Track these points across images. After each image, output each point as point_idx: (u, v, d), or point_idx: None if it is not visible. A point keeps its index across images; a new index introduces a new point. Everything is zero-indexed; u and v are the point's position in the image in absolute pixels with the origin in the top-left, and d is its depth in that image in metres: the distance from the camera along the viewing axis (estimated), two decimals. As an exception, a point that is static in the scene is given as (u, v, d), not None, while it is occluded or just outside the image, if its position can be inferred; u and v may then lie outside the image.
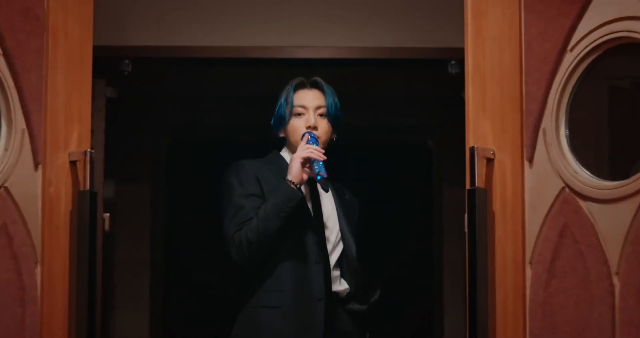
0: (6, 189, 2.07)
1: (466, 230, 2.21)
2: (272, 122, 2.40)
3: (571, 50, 2.00)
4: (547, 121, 2.05)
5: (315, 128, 2.28)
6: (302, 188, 2.26)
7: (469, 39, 2.30)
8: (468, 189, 2.20)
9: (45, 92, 2.19)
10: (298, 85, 2.35)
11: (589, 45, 1.94)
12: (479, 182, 2.18)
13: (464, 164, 2.28)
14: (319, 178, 2.20)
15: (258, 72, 4.42)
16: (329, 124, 2.33)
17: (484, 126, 2.25)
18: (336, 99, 2.36)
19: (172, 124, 5.61)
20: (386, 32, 3.81)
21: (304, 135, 2.27)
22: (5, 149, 2.08)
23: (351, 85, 4.35)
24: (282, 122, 2.35)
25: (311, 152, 2.19)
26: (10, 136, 2.10)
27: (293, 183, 2.19)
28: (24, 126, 2.14)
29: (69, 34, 2.30)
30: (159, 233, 5.53)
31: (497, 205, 2.21)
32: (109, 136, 4.32)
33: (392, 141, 5.85)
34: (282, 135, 2.38)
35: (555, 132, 2.03)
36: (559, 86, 2.03)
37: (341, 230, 2.37)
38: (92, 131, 4.07)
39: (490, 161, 2.22)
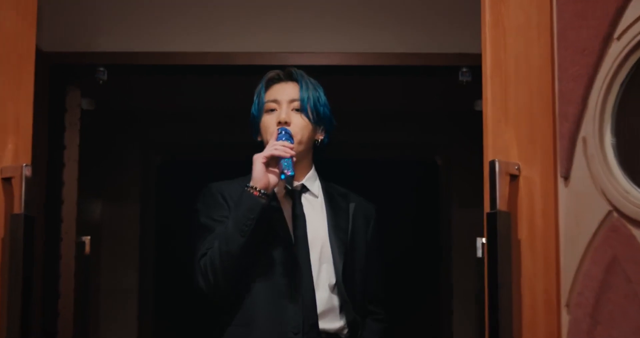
0: None
1: (485, 263, 1.78)
2: (251, 129, 2.14)
3: (618, 38, 1.58)
4: (588, 128, 1.63)
5: (287, 123, 1.99)
6: (281, 198, 2.00)
7: (487, 29, 1.89)
8: (487, 213, 1.78)
9: (-33, 94, 1.79)
10: (272, 79, 2.07)
11: (642, 31, 1.52)
12: (501, 204, 1.76)
13: (475, 182, 1.88)
14: (282, 176, 1.90)
15: (249, 82, 4.03)
16: (308, 120, 2.04)
17: (507, 136, 1.83)
18: (318, 93, 2.07)
19: (161, 140, 5.22)
20: (388, 37, 3.42)
21: (279, 133, 1.99)
22: None
23: (351, 97, 3.93)
24: (254, 122, 2.07)
25: (275, 149, 1.90)
26: None
27: (255, 188, 1.87)
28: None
29: (2, 25, 1.90)
30: (148, 257, 5.15)
31: (523, 232, 1.78)
32: (88, 152, 3.94)
33: (395, 158, 5.45)
34: (259, 139, 2.08)
35: (599, 141, 1.61)
36: (602, 83, 1.61)
37: (331, 249, 2.00)
38: (64, 147, 3.71)
39: (514, 178, 1.80)
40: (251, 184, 1.89)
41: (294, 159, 1.94)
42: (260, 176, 1.88)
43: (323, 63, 3.37)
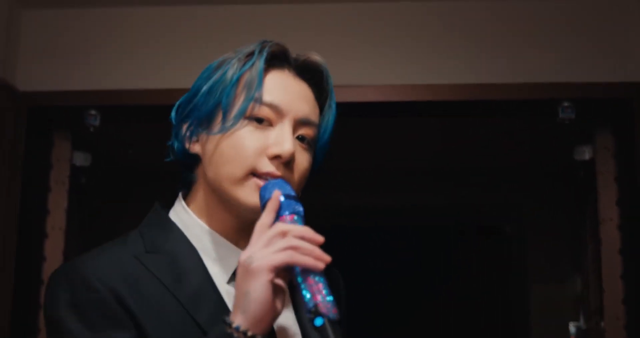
0: None
1: None
2: (176, 117, 1.08)
3: None
4: None
5: (289, 161, 0.99)
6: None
7: None
8: None
9: None
10: (275, 57, 1.03)
11: None
12: None
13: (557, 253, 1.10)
14: (319, 322, 0.86)
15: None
16: (311, 158, 1.05)
17: None
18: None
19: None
20: (450, 63, 2.51)
21: (265, 189, 0.96)
22: None
23: (391, 148, 3.03)
24: (210, 121, 1.02)
25: (292, 250, 0.88)
26: None
27: (245, 334, 0.87)
28: None
29: None
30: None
31: None
32: (80, 220, 3.08)
33: (456, 224, 4.53)
34: (195, 150, 1.05)
35: None
36: None
37: None
38: (47, 211, 2.85)
39: None
40: (238, 324, 0.88)
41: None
42: (265, 309, 0.87)
43: (356, 100, 2.47)
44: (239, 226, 1.02)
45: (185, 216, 1.04)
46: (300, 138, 1.02)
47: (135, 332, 0.93)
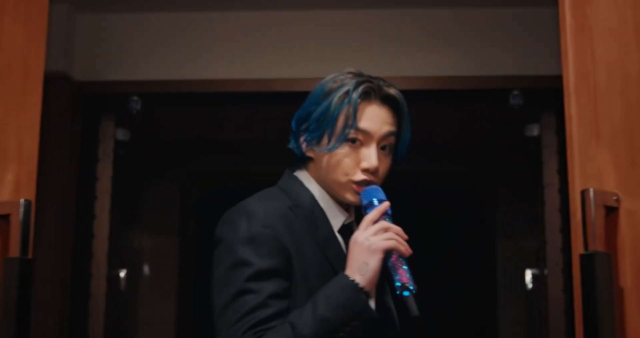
0: None
1: (580, 317, 1.35)
2: (295, 128, 1.39)
3: None
4: None
5: (375, 171, 1.33)
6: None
7: (568, 35, 1.50)
8: (581, 255, 1.36)
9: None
10: (364, 94, 1.33)
11: None
12: (598, 243, 1.34)
13: (520, 213, 1.49)
14: (405, 293, 1.24)
15: (288, 110, 3.67)
16: (391, 159, 1.39)
17: (600, 160, 1.42)
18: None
19: (201, 171, 4.87)
20: (430, 59, 3.02)
21: (365, 192, 1.32)
22: None
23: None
24: (319, 140, 1.35)
25: (395, 241, 1.27)
26: None
27: (363, 290, 1.25)
28: None
29: (4, 37, 1.55)
30: (187, 289, 4.79)
31: (627, 280, 1.36)
32: (123, 184, 3.59)
33: (437, 187, 5.02)
34: (309, 155, 1.39)
35: None
36: None
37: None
38: (97, 178, 3.36)
39: (612, 210, 1.38)
40: (359, 281, 1.25)
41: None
42: (375, 277, 1.25)
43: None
44: (338, 200, 1.39)
45: (312, 185, 1.39)
46: (383, 147, 1.35)
47: (286, 262, 1.27)
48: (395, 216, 1.32)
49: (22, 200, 1.46)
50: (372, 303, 1.26)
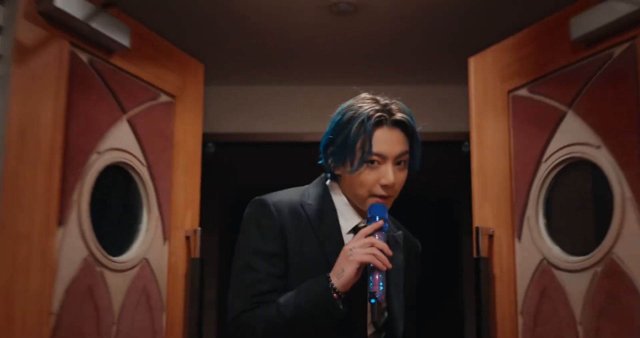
0: (146, 260, 2.49)
1: (475, 290, 2.70)
2: (323, 150, 1.59)
3: (545, 161, 2.36)
4: (530, 212, 2.42)
5: (392, 185, 1.50)
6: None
7: (474, 146, 2.73)
8: (475, 258, 2.68)
9: (171, 189, 2.65)
10: (377, 123, 1.50)
11: (556, 159, 2.31)
12: (483, 252, 2.63)
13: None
14: (372, 300, 1.37)
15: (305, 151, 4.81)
16: (406, 172, 1.56)
17: (486, 211, 2.69)
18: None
19: (237, 185, 6.05)
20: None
21: (372, 206, 1.49)
22: (147, 231, 2.50)
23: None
24: (344, 164, 1.53)
25: (373, 255, 1.39)
26: (150, 222, 2.51)
27: (336, 291, 1.40)
28: (157, 214, 2.54)
29: (186, 145, 2.81)
30: (225, 275, 5.77)
31: (496, 270, 2.59)
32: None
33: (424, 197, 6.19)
34: (337, 172, 1.57)
35: (536, 220, 2.40)
36: (537, 186, 2.39)
37: (390, 307, 1.56)
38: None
39: (490, 237, 2.63)
40: (335, 283, 1.38)
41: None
42: (350, 280, 1.39)
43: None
44: (358, 207, 1.55)
45: (336, 192, 1.56)
46: (398, 163, 1.49)
47: (284, 251, 1.46)
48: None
49: (197, 228, 2.72)
50: (340, 304, 1.39)
